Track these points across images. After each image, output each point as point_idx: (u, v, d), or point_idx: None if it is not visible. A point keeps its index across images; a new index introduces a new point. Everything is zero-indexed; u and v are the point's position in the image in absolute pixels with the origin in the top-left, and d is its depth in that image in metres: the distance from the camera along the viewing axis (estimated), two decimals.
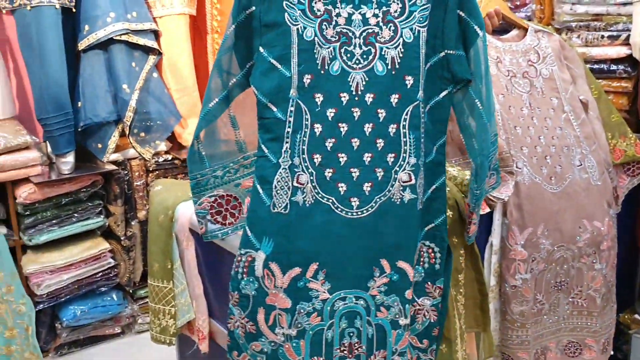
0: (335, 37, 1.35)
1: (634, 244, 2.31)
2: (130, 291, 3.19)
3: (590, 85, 2.16)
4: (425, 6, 1.35)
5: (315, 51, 1.34)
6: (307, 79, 1.35)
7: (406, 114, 1.37)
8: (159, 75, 3.04)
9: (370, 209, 1.38)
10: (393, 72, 1.36)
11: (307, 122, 1.36)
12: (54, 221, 2.88)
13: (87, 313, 2.97)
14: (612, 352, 2.12)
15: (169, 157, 3.14)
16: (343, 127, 1.36)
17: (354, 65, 1.35)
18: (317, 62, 1.35)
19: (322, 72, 1.35)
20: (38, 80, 2.74)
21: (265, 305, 1.40)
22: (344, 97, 1.36)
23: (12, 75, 2.89)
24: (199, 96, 3.17)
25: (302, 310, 1.40)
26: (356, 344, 1.44)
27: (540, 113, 2.00)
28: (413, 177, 1.39)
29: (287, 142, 1.36)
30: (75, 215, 2.94)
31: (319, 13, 1.34)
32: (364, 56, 1.35)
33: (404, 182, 1.39)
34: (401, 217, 1.41)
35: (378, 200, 1.39)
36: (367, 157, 1.38)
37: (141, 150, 3.01)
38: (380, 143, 1.38)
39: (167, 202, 1.77)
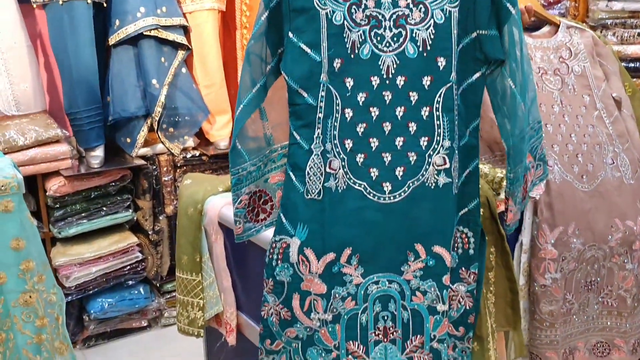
0: (364, 21, 1.33)
1: None
2: (157, 285, 3.20)
3: (624, 82, 2.12)
4: None
5: (344, 35, 1.33)
6: (337, 64, 1.34)
7: (439, 96, 1.35)
8: (187, 70, 3.05)
9: (403, 193, 1.38)
10: (425, 54, 1.34)
11: (337, 107, 1.35)
12: (83, 214, 2.91)
13: (115, 306, 2.99)
14: None
15: (197, 153, 3.15)
16: (374, 111, 1.36)
17: (385, 49, 1.34)
18: (347, 46, 1.34)
19: (352, 56, 1.34)
20: (69, 75, 2.77)
21: (300, 291, 1.40)
22: (375, 80, 1.35)
23: (43, 69, 2.93)
24: (227, 92, 3.19)
25: (337, 295, 1.40)
26: (391, 328, 1.44)
27: (572, 110, 1.97)
28: (447, 160, 1.38)
29: (318, 128, 1.36)
30: (104, 208, 2.96)
31: None
32: (395, 39, 1.34)
33: (438, 165, 1.38)
34: (436, 201, 1.40)
35: (411, 184, 1.38)
36: (399, 141, 1.37)
37: (170, 146, 3.03)
38: (412, 126, 1.36)
39: (196, 196, 1.78)
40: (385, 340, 1.44)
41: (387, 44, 1.34)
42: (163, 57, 2.96)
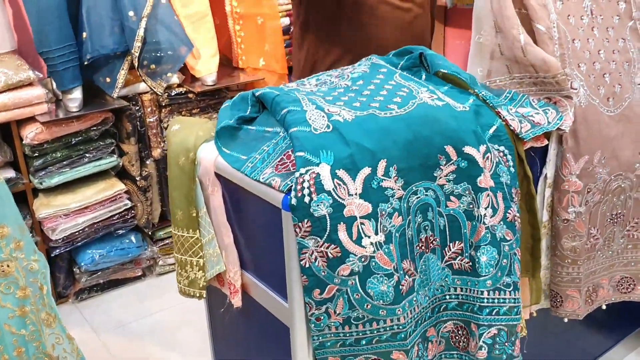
0: None
1: None
2: (150, 233, 3.07)
3: None
4: None
5: None
6: None
7: None
8: (167, 0, 2.79)
9: (407, 108, 1.41)
10: None
11: None
12: (64, 162, 2.73)
13: (106, 256, 2.87)
14: None
15: (182, 90, 2.93)
16: None
17: None
18: None
19: None
20: (35, 10, 2.51)
21: (344, 219, 1.27)
22: None
23: (7, 4, 2.66)
24: (212, 22, 2.94)
25: (383, 212, 1.30)
26: (430, 237, 1.41)
27: (603, 22, 1.77)
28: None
29: None
30: (87, 155, 2.78)
31: None
32: None
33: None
34: (448, 109, 1.41)
35: (412, 104, 1.41)
36: None
37: (152, 84, 2.81)
38: None
39: (187, 143, 1.58)
40: (427, 251, 1.41)
41: None
42: None
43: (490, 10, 1.65)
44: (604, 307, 1.96)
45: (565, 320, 1.89)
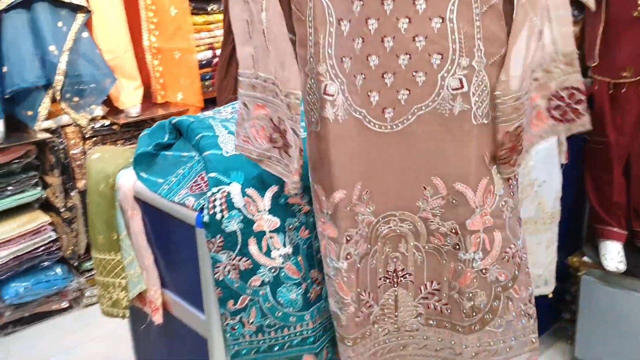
0: None
1: (581, 189, 2.33)
2: (75, 264, 3.06)
3: None
4: None
5: None
6: None
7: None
8: (89, 35, 2.85)
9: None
10: None
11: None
12: None
13: (31, 290, 2.85)
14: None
15: (106, 122, 2.98)
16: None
17: None
18: None
19: None
20: None
21: (254, 233, 1.35)
22: None
23: None
24: (134, 57, 3.02)
25: (291, 226, 1.36)
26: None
27: None
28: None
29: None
30: (9, 188, 2.78)
31: None
32: None
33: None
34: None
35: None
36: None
37: (75, 117, 2.85)
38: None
39: (107, 171, 1.66)
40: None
41: None
42: (60, 22, 2.75)
43: None
44: None
45: None
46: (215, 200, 1.36)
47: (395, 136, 1.20)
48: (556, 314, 2.53)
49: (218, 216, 1.35)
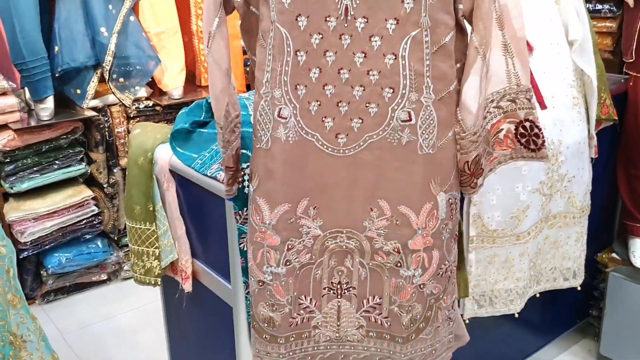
0: None
1: (613, 185, 2.33)
2: (115, 238, 3.19)
3: None
4: None
5: None
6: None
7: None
8: (136, 18, 2.96)
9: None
10: None
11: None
12: (35, 168, 2.86)
13: (72, 260, 2.97)
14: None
15: (150, 103, 3.09)
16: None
17: None
18: None
19: None
20: (11, 25, 2.67)
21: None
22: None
23: None
24: (181, 39, 3.11)
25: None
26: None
27: (366, 27, 1.32)
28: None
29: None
30: (57, 162, 2.91)
31: None
32: None
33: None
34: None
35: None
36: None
37: (121, 96, 2.97)
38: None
39: (146, 145, 1.75)
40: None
41: None
42: (110, 5, 2.86)
43: None
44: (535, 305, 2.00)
45: None
46: (244, 174, 1.42)
47: (346, 160, 1.27)
48: (584, 311, 2.53)
49: (246, 190, 1.41)
